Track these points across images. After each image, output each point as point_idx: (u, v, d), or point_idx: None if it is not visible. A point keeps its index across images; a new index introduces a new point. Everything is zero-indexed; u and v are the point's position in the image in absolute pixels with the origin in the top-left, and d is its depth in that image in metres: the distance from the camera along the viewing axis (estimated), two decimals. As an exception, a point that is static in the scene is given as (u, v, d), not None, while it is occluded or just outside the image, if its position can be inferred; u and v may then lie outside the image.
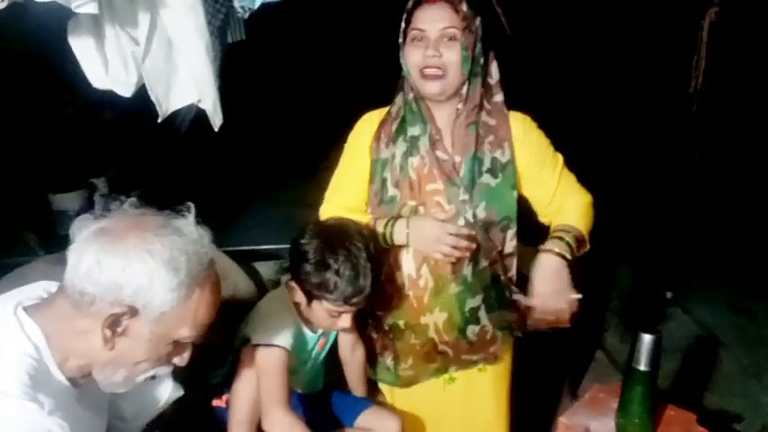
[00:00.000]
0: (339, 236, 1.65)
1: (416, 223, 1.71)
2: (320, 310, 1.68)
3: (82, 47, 1.56)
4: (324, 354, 1.87)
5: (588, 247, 1.82)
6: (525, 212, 1.84)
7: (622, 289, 3.63)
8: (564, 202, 1.80)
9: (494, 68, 1.76)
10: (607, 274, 3.66)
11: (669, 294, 3.58)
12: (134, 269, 1.10)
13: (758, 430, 2.67)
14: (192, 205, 1.21)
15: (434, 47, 1.66)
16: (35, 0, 1.34)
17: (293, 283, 1.71)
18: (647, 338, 1.68)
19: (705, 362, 3.10)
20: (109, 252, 1.10)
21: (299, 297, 1.70)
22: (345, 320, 1.68)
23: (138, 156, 3.52)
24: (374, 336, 1.90)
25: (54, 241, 3.01)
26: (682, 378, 2.94)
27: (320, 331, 1.80)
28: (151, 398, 1.46)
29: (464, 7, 1.67)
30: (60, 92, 3.04)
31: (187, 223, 1.18)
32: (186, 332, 1.18)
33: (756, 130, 4.23)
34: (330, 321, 1.70)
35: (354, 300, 1.63)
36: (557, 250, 1.69)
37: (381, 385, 1.97)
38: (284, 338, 1.66)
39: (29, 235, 3.22)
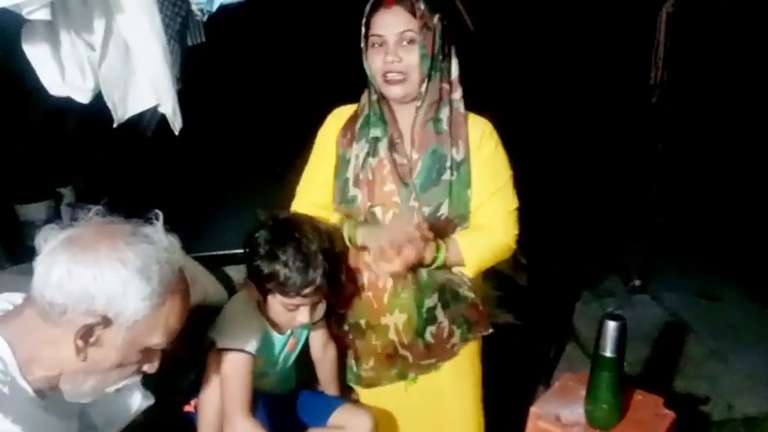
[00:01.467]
0: (289, 228, 1.62)
1: (368, 236, 1.73)
2: (275, 304, 1.64)
3: (37, 53, 1.54)
4: (294, 355, 1.85)
5: (467, 271, 1.83)
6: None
7: (592, 278, 3.69)
8: (483, 223, 1.79)
9: (453, 65, 1.77)
10: (577, 265, 3.71)
11: (638, 282, 3.65)
12: (106, 278, 1.09)
13: (724, 411, 2.74)
14: (159, 213, 1.21)
15: (394, 52, 1.67)
16: (-16, 7, 1.32)
17: (249, 280, 1.69)
18: (611, 325, 1.72)
19: (673, 347, 3.17)
20: (80, 262, 1.09)
21: (256, 294, 1.68)
22: (303, 314, 1.64)
23: (105, 164, 3.48)
24: (338, 334, 1.91)
25: (21, 252, 2.96)
26: (650, 363, 3.01)
27: (288, 332, 1.78)
28: (122, 406, 1.44)
29: (421, 7, 1.69)
30: (24, 98, 2.99)
31: (156, 231, 1.18)
32: (157, 339, 1.18)
33: (720, 118, 4.33)
34: (288, 316, 1.66)
35: (305, 291, 1.59)
36: (427, 250, 1.70)
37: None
38: (248, 342, 1.64)
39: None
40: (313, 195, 1.85)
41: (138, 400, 1.45)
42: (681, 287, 3.58)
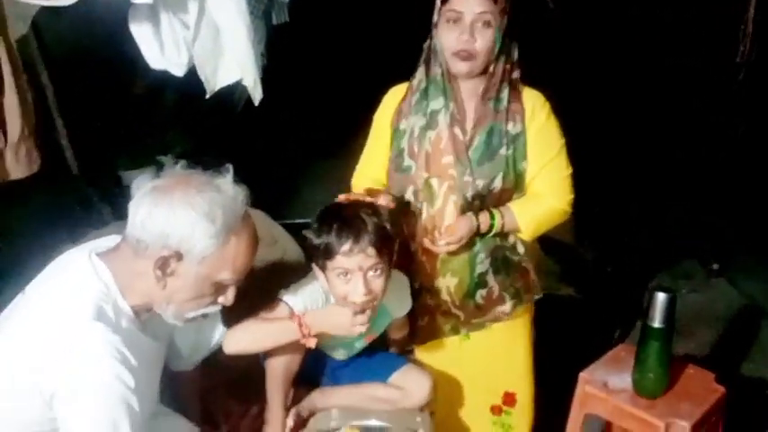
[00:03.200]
0: (336, 207, 1.67)
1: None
2: (332, 278, 1.63)
3: (140, 32, 1.77)
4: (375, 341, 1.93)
5: (524, 235, 1.91)
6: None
7: (669, 260, 3.64)
8: (538, 191, 1.87)
9: (515, 46, 1.84)
10: (655, 245, 3.67)
11: (716, 266, 3.58)
12: (178, 219, 1.28)
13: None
14: (230, 167, 1.39)
15: (469, 31, 1.73)
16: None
17: (314, 266, 1.70)
18: (660, 296, 1.77)
19: (745, 331, 3.11)
20: (158, 205, 1.29)
21: (321, 277, 1.68)
22: (357, 283, 1.60)
23: (203, 134, 3.75)
24: None
25: (126, 214, 3.26)
26: (719, 346, 2.97)
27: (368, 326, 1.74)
28: (205, 338, 1.68)
29: None
30: (129, 74, 3.27)
31: (225, 182, 1.37)
32: (227, 275, 1.37)
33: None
34: (344, 289, 1.62)
35: (344, 247, 1.57)
36: (480, 219, 1.82)
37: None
38: (300, 302, 1.67)
39: (104, 208, 3.51)
40: (370, 170, 1.98)
41: (218, 335, 1.67)
42: (760, 273, 3.47)
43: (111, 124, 3.48)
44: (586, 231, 3.38)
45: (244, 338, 1.64)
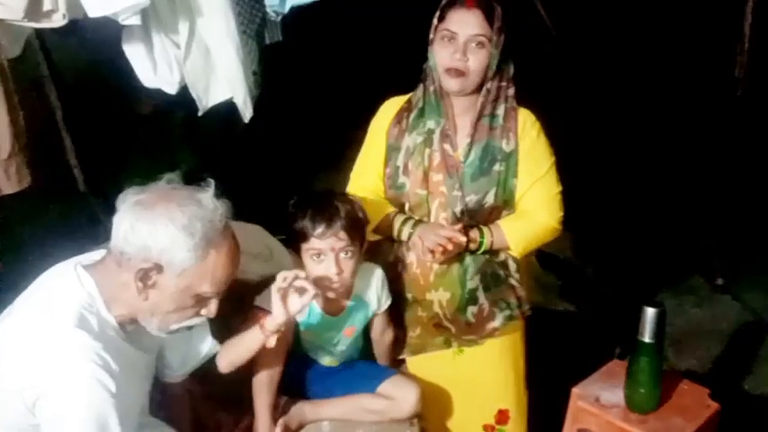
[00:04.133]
0: (313, 194, 1.79)
1: (419, 231, 1.86)
2: (307, 259, 1.72)
3: (133, 52, 1.83)
4: (354, 339, 1.97)
5: (513, 253, 1.93)
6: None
7: (673, 275, 3.62)
8: (528, 208, 1.89)
9: (510, 64, 1.87)
10: (659, 261, 3.65)
11: (720, 281, 3.54)
12: (159, 233, 1.32)
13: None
14: (212, 181, 1.43)
15: (462, 51, 1.76)
16: (89, 16, 1.60)
17: (291, 249, 1.83)
18: (650, 311, 1.76)
19: (749, 347, 3.07)
20: (140, 219, 1.32)
21: (298, 260, 1.77)
22: (329, 264, 1.70)
23: (205, 151, 3.81)
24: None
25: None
26: (722, 362, 2.94)
27: (342, 315, 1.87)
28: (194, 350, 1.70)
29: (498, 15, 1.77)
30: (136, 93, 3.34)
31: (206, 196, 1.40)
32: (206, 287, 1.40)
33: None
34: (317, 269, 1.71)
35: (319, 229, 1.67)
36: (470, 235, 1.84)
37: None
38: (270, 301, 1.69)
39: (111, 224, 3.56)
40: (364, 181, 2.00)
41: (208, 347, 1.70)
42: (765, 288, 3.43)
43: (120, 141, 3.55)
44: (587, 246, 3.38)
45: (227, 354, 1.70)
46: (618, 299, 3.20)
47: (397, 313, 2.02)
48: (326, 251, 1.70)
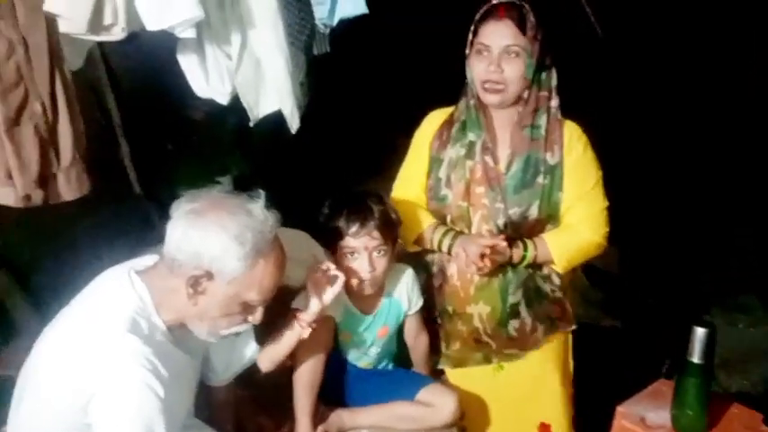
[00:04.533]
0: (347, 194, 1.84)
1: (459, 242, 1.86)
2: (341, 258, 1.78)
3: (187, 63, 1.88)
4: (388, 340, 1.99)
5: (557, 268, 1.91)
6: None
7: (726, 294, 3.50)
8: (573, 223, 1.86)
9: (553, 74, 1.86)
10: (708, 277, 3.55)
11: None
12: (211, 241, 1.35)
13: None
14: (262, 192, 1.47)
15: (497, 63, 1.76)
16: (146, 30, 1.66)
17: (326, 250, 1.85)
18: (700, 332, 1.72)
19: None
20: (192, 227, 1.36)
21: (334, 261, 1.79)
22: (362, 262, 1.75)
23: (255, 157, 3.89)
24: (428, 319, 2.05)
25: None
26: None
27: (375, 313, 1.92)
28: (238, 354, 1.74)
29: (532, 20, 1.76)
30: (190, 100, 3.43)
31: (257, 206, 1.44)
32: (254, 295, 1.44)
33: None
34: (351, 267, 1.77)
35: (353, 228, 1.73)
36: (514, 248, 1.84)
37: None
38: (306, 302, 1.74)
39: (164, 227, 3.66)
40: (407, 191, 2.01)
41: (251, 352, 1.74)
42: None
43: (174, 146, 3.65)
44: (636, 261, 3.30)
45: (267, 352, 1.75)
46: (666, 316, 3.12)
47: (436, 327, 2.03)
48: (360, 249, 1.76)
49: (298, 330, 1.70)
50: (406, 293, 1.95)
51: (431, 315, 2.03)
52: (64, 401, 1.36)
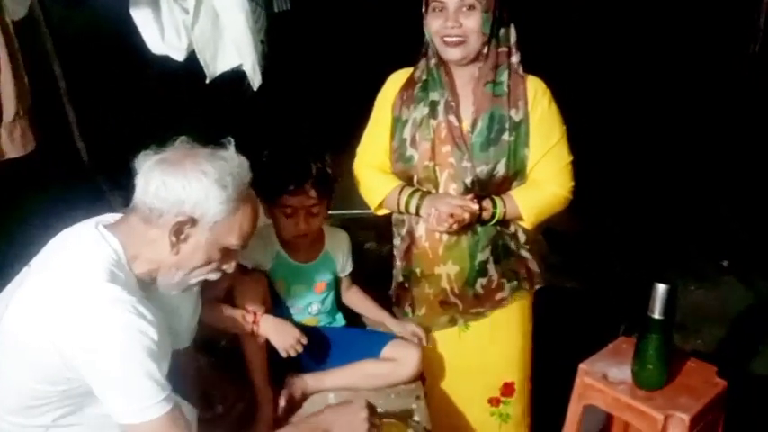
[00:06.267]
0: (285, 150, 1.87)
1: (428, 202, 1.85)
2: (277, 214, 1.84)
3: (141, 17, 1.80)
4: (325, 296, 2.02)
5: (525, 224, 1.92)
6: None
7: (677, 256, 3.61)
8: (539, 178, 1.87)
9: (512, 30, 1.84)
10: (664, 242, 3.64)
11: (725, 263, 3.54)
12: (192, 187, 1.34)
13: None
14: (231, 139, 1.45)
15: (454, 18, 1.75)
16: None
17: (262, 201, 1.84)
18: (661, 288, 1.75)
19: (755, 330, 3.06)
20: (171, 174, 1.34)
21: (267, 214, 1.85)
22: (298, 219, 1.81)
23: (211, 125, 3.78)
24: (392, 290, 2.08)
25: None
26: (727, 343, 2.94)
27: (311, 265, 1.96)
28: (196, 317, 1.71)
29: None
30: (142, 64, 3.31)
31: (230, 153, 1.42)
32: (233, 240, 1.43)
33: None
34: (286, 223, 1.83)
35: (291, 188, 1.77)
36: (483, 205, 1.84)
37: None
38: (248, 258, 1.84)
39: (115, 198, 3.55)
40: (371, 157, 1.98)
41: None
42: (769, 270, 3.43)
43: (124, 113, 3.53)
44: (594, 225, 3.36)
45: (210, 317, 1.77)
46: (623, 278, 3.20)
47: (402, 291, 2.03)
48: (297, 207, 1.81)
49: (247, 327, 1.78)
50: (341, 254, 2.02)
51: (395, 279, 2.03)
52: (43, 357, 1.31)
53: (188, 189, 1.34)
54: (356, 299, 2.11)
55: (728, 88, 3.55)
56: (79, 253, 1.37)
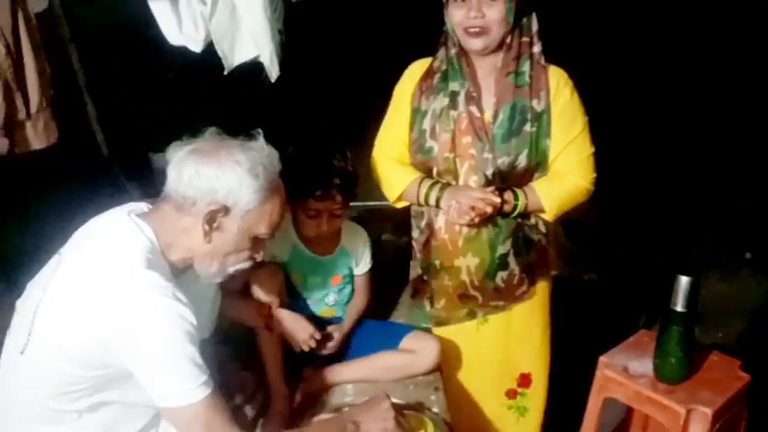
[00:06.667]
0: (312, 151, 1.86)
1: (449, 194, 1.83)
2: (300, 214, 1.85)
3: (159, 9, 1.80)
4: (341, 289, 2.03)
5: (547, 216, 1.89)
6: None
7: (699, 248, 3.56)
8: (561, 170, 1.85)
9: (533, 20, 1.82)
10: (686, 233, 3.59)
11: (748, 255, 3.49)
12: (226, 176, 1.36)
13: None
14: (261, 130, 1.47)
15: (477, 8, 1.72)
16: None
17: None
18: (683, 280, 1.73)
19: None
20: (205, 164, 1.37)
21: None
22: (321, 221, 1.83)
23: (228, 118, 3.79)
24: (411, 281, 2.07)
25: (154, 195, 3.32)
26: (747, 336, 2.90)
27: (328, 258, 1.97)
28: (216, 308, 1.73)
29: None
30: (159, 57, 3.32)
31: (260, 143, 1.45)
32: (263, 229, 1.46)
33: None
34: (310, 224, 1.85)
35: (317, 193, 1.77)
36: (505, 197, 1.81)
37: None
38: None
39: (134, 189, 3.58)
40: (389, 148, 1.96)
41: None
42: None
43: (142, 106, 3.54)
44: (614, 217, 3.32)
45: (227, 309, 1.77)
46: (643, 270, 3.16)
47: (421, 284, 2.02)
48: (321, 211, 1.82)
49: (261, 321, 1.79)
50: (357, 251, 2.01)
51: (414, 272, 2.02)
52: (82, 343, 1.32)
53: (222, 178, 1.36)
54: (353, 307, 2.06)
55: (753, 80, 3.48)
56: (115, 241, 1.39)
